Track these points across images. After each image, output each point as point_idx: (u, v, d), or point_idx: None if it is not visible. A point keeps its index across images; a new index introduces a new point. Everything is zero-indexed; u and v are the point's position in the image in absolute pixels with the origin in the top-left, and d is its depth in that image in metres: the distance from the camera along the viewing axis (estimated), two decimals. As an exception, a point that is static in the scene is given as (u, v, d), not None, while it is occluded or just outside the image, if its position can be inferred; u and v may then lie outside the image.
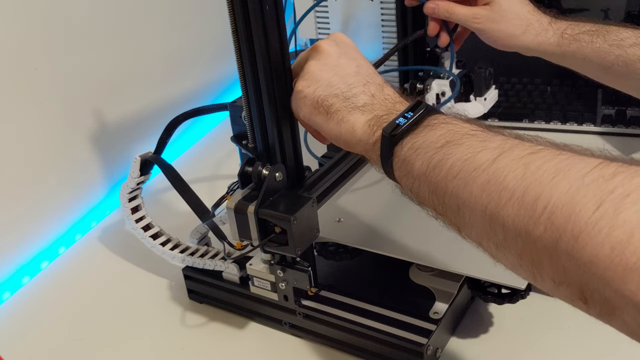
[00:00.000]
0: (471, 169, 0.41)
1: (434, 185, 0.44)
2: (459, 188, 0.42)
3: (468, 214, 0.41)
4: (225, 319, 0.74)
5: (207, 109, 0.74)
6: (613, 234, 0.32)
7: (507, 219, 0.37)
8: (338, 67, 0.55)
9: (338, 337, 0.66)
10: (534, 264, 0.37)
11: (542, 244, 0.35)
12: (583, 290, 0.34)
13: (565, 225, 0.34)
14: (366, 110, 0.52)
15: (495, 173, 0.39)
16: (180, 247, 0.75)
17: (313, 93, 0.54)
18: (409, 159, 0.46)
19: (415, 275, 0.70)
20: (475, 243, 0.43)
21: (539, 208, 0.35)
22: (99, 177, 0.97)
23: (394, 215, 0.73)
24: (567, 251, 0.34)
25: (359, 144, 0.52)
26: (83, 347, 0.72)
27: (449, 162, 0.43)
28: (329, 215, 0.72)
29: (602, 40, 0.72)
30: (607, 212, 0.32)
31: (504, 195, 0.38)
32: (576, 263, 0.33)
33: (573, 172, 0.35)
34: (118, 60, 0.97)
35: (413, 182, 0.46)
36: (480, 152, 0.41)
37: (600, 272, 0.32)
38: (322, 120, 0.54)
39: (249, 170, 0.61)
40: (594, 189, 0.34)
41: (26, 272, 0.85)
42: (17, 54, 0.81)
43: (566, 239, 0.34)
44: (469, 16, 0.73)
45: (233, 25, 0.56)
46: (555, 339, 0.66)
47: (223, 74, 1.21)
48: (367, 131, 0.51)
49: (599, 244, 0.32)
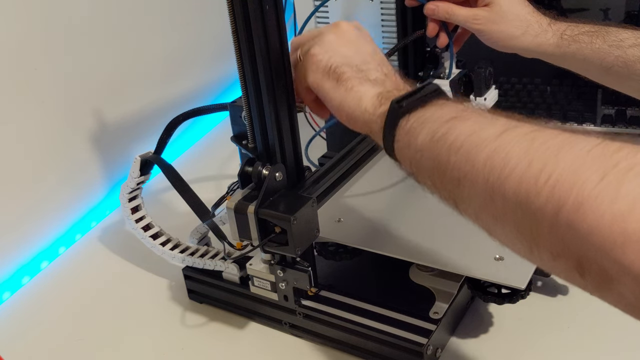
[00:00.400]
0: (476, 142, 0.41)
1: (436, 157, 0.44)
2: (461, 160, 0.42)
3: (468, 186, 0.42)
4: (225, 319, 0.74)
5: (207, 109, 0.74)
6: (615, 205, 0.32)
7: (508, 190, 0.38)
8: (356, 46, 0.57)
9: (338, 337, 0.66)
10: (532, 236, 0.37)
11: (542, 214, 0.36)
12: (581, 261, 0.34)
13: (567, 196, 0.34)
14: (377, 84, 0.53)
15: (500, 146, 0.40)
16: (180, 247, 0.75)
17: (328, 60, 0.55)
18: (413, 131, 0.47)
19: (415, 275, 0.70)
20: (472, 217, 0.44)
21: (542, 179, 0.36)
22: (99, 177, 0.97)
23: (394, 215, 0.73)
24: (568, 222, 0.34)
25: (363, 114, 0.52)
26: (83, 347, 0.72)
27: (453, 135, 0.43)
28: (329, 215, 0.72)
29: (601, 41, 0.72)
30: (610, 184, 0.33)
31: (507, 167, 0.38)
32: (576, 234, 0.34)
33: (577, 147, 0.36)
34: (118, 60, 0.97)
35: (414, 154, 0.47)
36: (486, 127, 0.42)
37: (600, 242, 0.33)
38: (330, 86, 0.54)
39: (249, 170, 0.61)
40: (597, 163, 0.34)
41: (26, 272, 0.85)
42: (17, 54, 0.81)
43: (567, 209, 0.34)
44: (468, 17, 0.74)
45: (233, 25, 0.56)
46: (555, 339, 0.66)
47: (223, 74, 1.21)
48: (374, 103, 0.51)
49: (601, 214, 0.32)
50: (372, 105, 0.51)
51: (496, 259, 0.63)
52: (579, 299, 0.70)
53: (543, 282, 0.73)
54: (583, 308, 0.69)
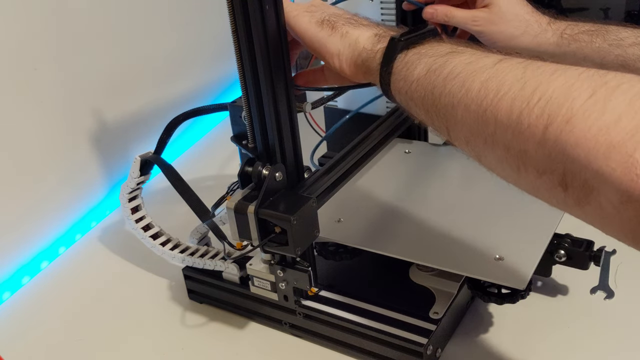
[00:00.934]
0: (472, 70, 0.43)
1: (431, 86, 0.46)
2: (456, 87, 0.44)
3: (461, 112, 0.43)
4: (225, 319, 0.74)
5: (207, 109, 0.74)
6: (601, 118, 0.34)
7: (500, 112, 0.40)
8: (343, 9, 0.59)
9: (338, 337, 0.66)
10: (519, 156, 0.39)
11: (531, 132, 0.37)
12: (564, 175, 0.36)
13: (557, 112, 0.36)
14: (372, 27, 0.56)
15: (496, 73, 0.42)
16: (180, 247, 0.75)
17: (320, 14, 0.57)
18: (410, 63, 0.49)
19: (415, 275, 0.70)
20: (463, 143, 0.45)
21: (535, 98, 0.38)
22: (99, 177, 0.97)
23: (394, 215, 0.73)
24: (556, 136, 0.36)
25: (360, 54, 0.54)
26: (83, 347, 0.72)
27: (450, 65, 0.45)
28: (329, 215, 0.72)
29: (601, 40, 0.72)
30: (598, 99, 0.35)
31: (501, 90, 0.40)
32: (562, 147, 0.36)
33: (570, 71, 0.38)
34: (118, 60, 0.97)
35: (410, 85, 0.48)
36: (482, 58, 0.44)
37: (585, 152, 0.34)
38: (324, 35, 0.56)
39: (249, 170, 0.61)
40: (588, 82, 0.36)
41: (26, 272, 0.85)
42: (17, 53, 0.81)
43: (556, 124, 0.36)
44: (467, 19, 0.74)
45: (233, 25, 0.56)
46: (555, 339, 0.66)
47: (223, 74, 1.21)
48: (373, 41, 0.54)
49: (588, 126, 0.34)
50: (371, 42, 0.54)
51: (496, 259, 0.63)
52: (579, 299, 0.70)
53: (543, 282, 0.73)
54: (583, 308, 0.69)
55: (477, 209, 0.71)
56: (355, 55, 0.54)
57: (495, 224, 0.68)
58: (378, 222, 0.72)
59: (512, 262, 0.62)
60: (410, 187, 0.78)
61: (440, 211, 0.72)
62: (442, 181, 0.79)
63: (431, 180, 0.79)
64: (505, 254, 0.63)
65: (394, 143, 0.87)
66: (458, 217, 0.70)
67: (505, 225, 0.67)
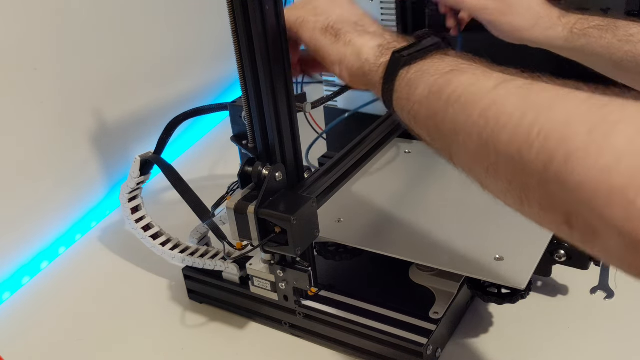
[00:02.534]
0: (472, 95, 0.42)
1: (433, 109, 0.45)
2: (458, 112, 0.43)
3: (463, 139, 0.42)
4: (225, 319, 0.74)
5: (207, 109, 0.74)
6: (601, 159, 0.32)
7: (501, 143, 0.38)
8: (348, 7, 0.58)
9: (338, 337, 0.66)
10: (522, 189, 0.38)
11: (532, 168, 0.36)
12: (569, 215, 0.35)
13: (557, 150, 0.35)
14: (377, 36, 0.54)
15: (495, 99, 0.40)
16: (180, 247, 0.75)
17: (325, 20, 0.56)
18: (413, 82, 0.48)
19: (415, 275, 0.70)
20: (466, 169, 0.44)
21: (534, 133, 0.36)
22: (99, 177, 0.97)
23: (394, 215, 0.73)
24: (556, 175, 0.34)
25: (363, 65, 0.53)
26: (83, 347, 0.72)
27: (452, 87, 0.44)
28: (329, 215, 0.72)
29: (611, 36, 0.72)
30: (597, 138, 0.33)
31: (501, 121, 0.39)
32: (564, 187, 0.34)
33: (569, 101, 0.37)
34: (118, 60, 0.97)
35: (412, 106, 0.47)
36: (482, 80, 0.43)
37: (586, 196, 0.33)
38: (328, 43, 0.55)
39: (249, 170, 0.61)
40: (587, 116, 0.34)
41: (26, 272, 0.85)
42: (17, 54, 0.81)
43: (556, 163, 0.35)
44: (478, 7, 0.73)
45: (233, 25, 0.56)
46: (555, 339, 0.66)
47: (223, 74, 1.21)
48: (375, 53, 0.52)
49: (587, 168, 0.33)
50: (374, 55, 0.52)
51: (496, 259, 0.63)
52: (579, 299, 0.70)
53: (543, 282, 0.73)
54: (583, 308, 0.69)
55: (477, 209, 0.71)
56: (357, 67, 0.53)
57: (495, 224, 0.68)
58: (378, 222, 0.72)
59: (512, 262, 0.62)
60: (410, 187, 0.78)
61: (440, 211, 0.72)
62: (442, 181, 0.79)
63: (431, 180, 0.79)
64: (505, 254, 0.63)
65: (394, 143, 0.87)
66: (458, 217, 0.70)
67: (505, 225, 0.67)
